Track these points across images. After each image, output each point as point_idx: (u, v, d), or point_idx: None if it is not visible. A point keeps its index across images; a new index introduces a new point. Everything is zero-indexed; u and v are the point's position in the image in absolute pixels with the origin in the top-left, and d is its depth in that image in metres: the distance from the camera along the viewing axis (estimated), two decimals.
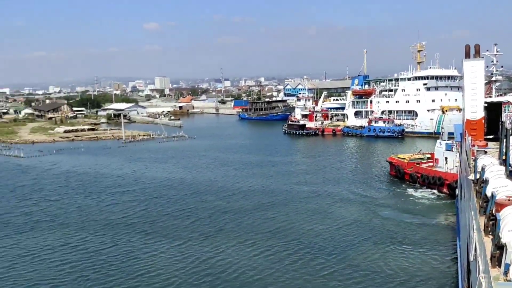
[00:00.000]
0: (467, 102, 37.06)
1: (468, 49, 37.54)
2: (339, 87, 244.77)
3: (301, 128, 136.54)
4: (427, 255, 38.58)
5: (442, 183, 58.43)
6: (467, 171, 28.61)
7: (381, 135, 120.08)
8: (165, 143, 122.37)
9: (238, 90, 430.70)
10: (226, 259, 38.25)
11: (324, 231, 44.82)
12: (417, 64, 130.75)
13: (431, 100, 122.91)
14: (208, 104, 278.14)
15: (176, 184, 68.40)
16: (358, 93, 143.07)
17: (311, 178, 70.93)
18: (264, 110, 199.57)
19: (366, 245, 40.67)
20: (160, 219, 50.12)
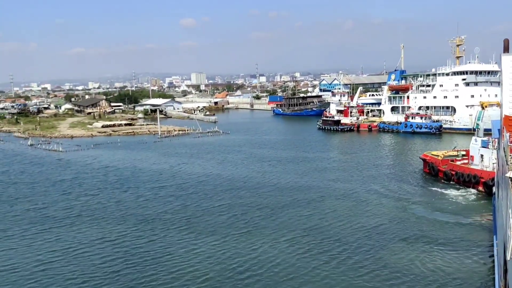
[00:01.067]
0: (505, 97, 35.93)
1: (507, 43, 36.37)
2: (375, 82, 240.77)
3: (336, 123, 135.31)
4: (462, 254, 37.70)
5: (477, 181, 56.78)
6: (505, 168, 27.75)
7: (418, 131, 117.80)
8: (199, 138, 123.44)
9: (273, 85, 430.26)
10: (261, 256, 38.32)
11: (358, 229, 44.35)
12: (456, 58, 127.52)
13: (470, 95, 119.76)
14: (243, 99, 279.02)
15: (211, 179, 68.97)
16: (395, 88, 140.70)
17: (346, 175, 70.29)
18: (298, 106, 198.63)
19: (400, 245, 40.05)
20: (196, 215, 50.55)
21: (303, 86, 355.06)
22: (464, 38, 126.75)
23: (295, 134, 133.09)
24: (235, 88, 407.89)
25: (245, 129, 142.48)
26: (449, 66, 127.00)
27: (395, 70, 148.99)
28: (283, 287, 32.78)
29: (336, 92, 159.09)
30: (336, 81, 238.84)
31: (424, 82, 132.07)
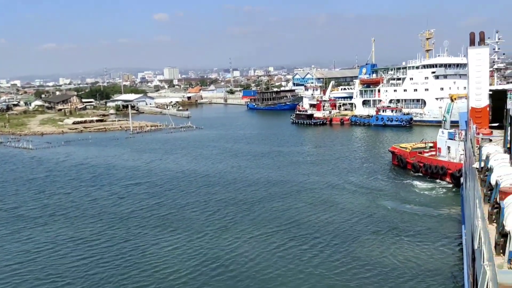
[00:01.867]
0: (471, 90, 36.76)
1: (473, 36, 37.15)
2: (348, 76, 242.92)
3: (309, 117, 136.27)
4: (432, 245, 38.49)
5: (444, 172, 57.97)
6: (472, 160, 28.44)
7: (389, 124, 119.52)
8: (172, 133, 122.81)
9: (247, 80, 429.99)
10: (236, 252, 38.29)
11: (331, 223, 44.78)
12: (425, 52, 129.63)
13: (440, 88, 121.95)
14: (216, 94, 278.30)
15: (186, 175, 68.64)
16: (366, 82, 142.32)
17: (318, 168, 70.91)
18: (272, 100, 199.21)
19: (371, 238, 40.59)
20: (172, 212, 50.17)
21: (277, 80, 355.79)
22: (433, 32, 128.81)
23: (269, 128, 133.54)
24: (209, 82, 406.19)
25: (219, 124, 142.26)
26: (419, 59, 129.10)
27: (366, 64, 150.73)
28: (256, 283, 32.92)
29: (309, 86, 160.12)
30: (309, 75, 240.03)
31: (395, 75, 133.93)
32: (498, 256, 13.08)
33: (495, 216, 15.72)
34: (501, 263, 12.28)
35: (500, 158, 20.40)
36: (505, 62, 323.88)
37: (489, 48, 37.94)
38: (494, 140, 28.75)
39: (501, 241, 13.40)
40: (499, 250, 13.34)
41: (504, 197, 15.13)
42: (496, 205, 15.96)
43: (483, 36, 37.38)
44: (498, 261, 12.49)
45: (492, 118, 36.33)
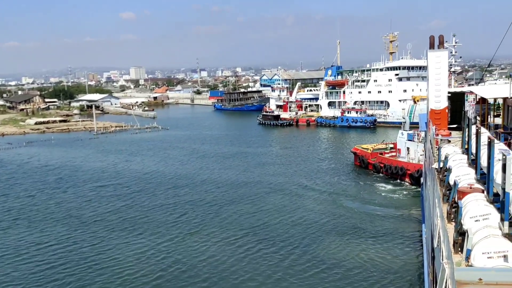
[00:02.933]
0: (431, 92, 37.47)
1: (432, 40, 37.90)
2: (314, 78, 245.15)
3: (275, 118, 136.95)
4: (394, 245, 39.14)
5: (404, 173, 59.29)
6: (432, 160, 29.07)
7: (353, 125, 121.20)
8: (137, 134, 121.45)
9: (215, 80, 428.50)
10: (203, 255, 37.88)
11: (295, 225, 44.90)
12: (389, 54, 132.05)
13: (403, 90, 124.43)
14: (183, 94, 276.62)
15: (154, 177, 67.76)
16: (331, 83, 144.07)
17: (284, 169, 71.35)
18: (239, 101, 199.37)
19: (334, 239, 40.87)
20: (140, 215, 49.22)
21: (244, 81, 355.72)
22: (397, 35, 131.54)
23: (236, 129, 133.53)
24: (176, 83, 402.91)
25: (186, 125, 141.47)
26: (383, 61, 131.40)
27: (332, 66, 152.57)
28: (222, 287, 32.78)
29: (276, 87, 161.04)
30: (276, 76, 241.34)
31: (359, 77, 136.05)
32: (457, 254, 13.42)
33: (454, 215, 16.15)
34: (459, 261, 12.64)
35: (458, 159, 20.94)
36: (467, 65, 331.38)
37: (448, 51, 38.90)
38: (452, 141, 29.43)
39: (459, 240, 13.78)
40: (457, 248, 13.70)
41: (462, 196, 15.60)
42: (455, 205, 16.39)
43: (442, 39, 38.26)
44: (456, 259, 12.83)
45: (451, 119, 37.20)
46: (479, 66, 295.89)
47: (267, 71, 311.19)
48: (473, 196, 15.10)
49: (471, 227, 13.07)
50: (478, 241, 12.14)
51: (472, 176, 18.00)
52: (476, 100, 39.05)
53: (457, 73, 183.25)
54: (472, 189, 16.13)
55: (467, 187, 16.39)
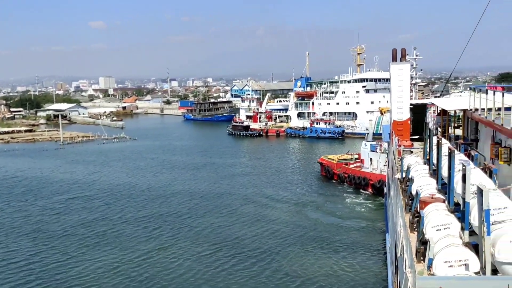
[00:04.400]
0: (394, 104, 38.22)
1: (395, 52, 38.71)
2: (285, 89, 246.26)
3: (245, 129, 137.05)
4: (358, 255, 39.37)
5: (367, 183, 60.24)
6: (394, 170, 29.45)
7: (322, 136, 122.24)
8: (105, 144, 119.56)
9: (185, 90, 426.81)
10: (172, 271, 37.28)
11: (260, 237, 44.68)
12: (357, 66, 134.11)
13: (370, 102, 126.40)
14: (153, 104, 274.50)
15: (123, 189, 66.43)
16: (301, 95, 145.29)
17: (253, 180, 71.32)
18: (209, 111, 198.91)
19: (299, 251, 40.66)
20: (111, 228, 47.88)
21: (215, 91, 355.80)
22: (364, 47, 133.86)
23: (206, 139, 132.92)
24: (146, 92, 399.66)
25: (155, 135, 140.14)
26: (351, 73, 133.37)
27: (301, 77, 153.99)
28: None
29: (246, 98, 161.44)
30: (247, 87, 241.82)
31: (328, 89, 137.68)
32: (419, 263, 13.53)
33: (416, 224, 16.33)
34: (422, 269, 12.76)
35: (420, 169, 21.22)
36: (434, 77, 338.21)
37: (409, 64, 39.78)
38: (414, 152, 29.88)
39: (421, 249, 13.90)
40: (419, 257, 13.82)
41: (423, 206, 15.77)
42: (417, 214, 16.58)
43: (404, 52, 39.14)
44: (419, 268, 12.95)
45: (413, 130, 37.93)
46: (445, 79, 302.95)
47: (238, 82, 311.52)
48: (434, 206, 15.33)
49: (432, 236, 13.23)
50: (439, 250, 12.29)
51: (433, 186, 18.29)
52: (437, 111, 39.96)
53: (423, 85, 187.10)
54: (434, 199, 16.37)
55: (428, 197, 16.63)
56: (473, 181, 13.41)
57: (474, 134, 28.07)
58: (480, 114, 25.32)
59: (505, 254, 10.78)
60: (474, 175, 14.43)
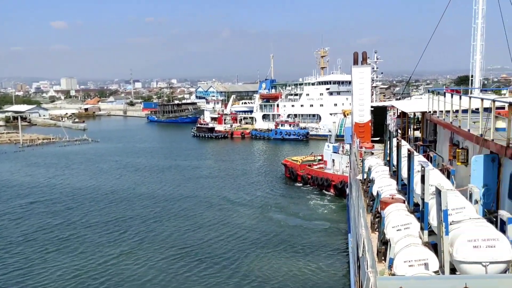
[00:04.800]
0: (355, 106, 38.67)
1: (356, 56, 39.21)
2: (250, 90, 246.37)
3: (210, 131, 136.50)
4: (320, 255, 39.77)
5: (329, 184, 61.20)
6: (356, 172, 29.77)
7: (287, 138, 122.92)
8: (66, 147, 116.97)
9: (149, 91, 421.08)
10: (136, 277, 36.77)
11: (223, 239, 44.55)
12: (320, 69, 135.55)
13: (334, 104, 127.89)
14: (115, 106, 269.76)
15: (86, 193, 64.93)
16: (265, 96, 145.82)
17: (218, 182, 71.08)
18: (173, 113, 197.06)
19: (263, 253, 40.66)
20: (74, 233, 46.72)
21: (179, 92, 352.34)
22: (328, 50, 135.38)
23: (170, 141, 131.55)
24: (109, 94, 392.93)
25: (118, 137, 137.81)
26: (315, 76, 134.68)
27: (266, 79, 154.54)
28: None
29: (210, 99, 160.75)
30: (212, 88, 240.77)
31: (292, 91, 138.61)
32: (380, 263, 13.65)
33: (377, 225, 16.49)
34: (383, 269, 12.85)
35: (380, 170, 21.45)
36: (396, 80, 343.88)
37: (370, 67, 40.39)
38: (375, 153, 30.26)
39: (382, 249, 14.03)
40: (380, 257, 13.94)
41: (384, 207, 15.92)
42: (378, 215, 16.75)
43: (365, 56, 39.73)
44: (380, 268, 13.05)
45: (374, 132, 38.47)
46: (406, 82, 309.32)
47: (203, 83, 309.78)
48: (394, 206, 15.53)
49: (393, 236, 13.38)
50: (399, 250, 12.43)
51: (393, 187, 18.54)
52: (397, 114, 40.72)
53: (385, 88, 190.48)
54: (394, 199, 16.60)
55: (389, 197, 16.85)
56: (432, 182, 13.64)
57: (433, 136, 28.69)
58: (438, 116, 25.89)
59: (463, 253, 10.99)
60: (432, 176, 14.69)
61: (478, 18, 44.16)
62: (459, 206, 12.90)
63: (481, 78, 45.50)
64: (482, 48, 44.32)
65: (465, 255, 10.93)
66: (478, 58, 44.69)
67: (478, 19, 44.10)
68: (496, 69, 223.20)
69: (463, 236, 11.14)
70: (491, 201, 16.44)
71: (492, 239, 10.92)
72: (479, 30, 44.06)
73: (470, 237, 11.03)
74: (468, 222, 11.92)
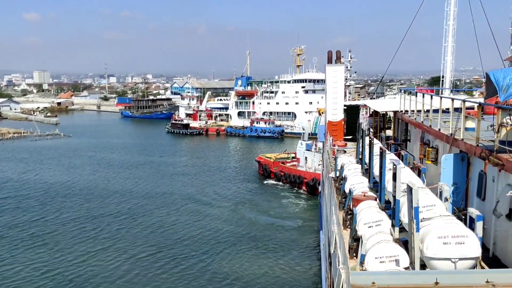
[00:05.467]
0: (329, 104, 38.72)
1: (330, 54, 39.20)
2: (226, 87, 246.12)
3: (185, 127, 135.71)
4: (293, 252, 40.03)
5: (301, 181, 61.79)
6: (329, 169, 29.91)
7: (262, 135, 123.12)
8: (38, 141, 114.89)
9: (124, 86, 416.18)
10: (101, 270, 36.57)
11: (196, 237, 44.38)
12: (296, 67, 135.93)
13: (309, 102, 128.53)
14: (89, 100, 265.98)
15: (57, 188, 63.99)
16: (241, 94, 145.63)
17: (192, 179, 70.80)
18: (148, 108, 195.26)
19: (235, 252, 40.62)
20: (42, 230, 46.02)
21: (155, 88, 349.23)
22: (304, 48, 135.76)
23: (144, 137, 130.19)
24: (82, 88, 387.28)
25: (91, 132, 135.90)
26: (291, 74, 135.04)
27: (242, 76, 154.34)
28: None
29: (185, 95, 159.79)
30: (187, 84, 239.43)
31: (268, 88, 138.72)
32: (352, 259, 13.75)
33: (349, 221, 16.61)
34: (354, 265, 12.92)
35: (353, 168, 21.64)
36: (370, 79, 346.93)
37: (344, 66, 40.56)
38: (348, 152, 30.47)
39: (354, 245, 14.15)
40: (352, 254, 14.06)
41: (356, 204, 16.08)
42: (350, 212, 16.88)
43: (339, 54, 39.85)
44: (351, 264, 13.14)
45: (347, 131, 38.68)
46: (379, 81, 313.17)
47: (179, 79, 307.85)
48: (366, 204, 15.71)
49: (364, 233, 13.51)
50: (371, 247, 12.55)
51: (365, 184, 18.74)
52: (370, 113, 41.09)
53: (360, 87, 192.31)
54: (366, 196, 16.79)
55: (361, 195, 17.04)
56: (403, 180, 13.83)
57: (404, 135, 29.07)
58: (410, 115, 26.26)
59: (433, 249, 11.16)
60: (404, 174, 14.89)
61: (450, 20, 45.07)
62: (429, 203, 13.10)
63: (451, 79, 46.46)
64: (453, 50, 45.30)
65: (435, 251, 11.11)
66: (449, 59, 45.64)
67: (449, 20, 45.01)
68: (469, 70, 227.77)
69: (433, 233, 11.32)
70: (461, 199, 16.75)
71: (461, 236, 11.12)
72: (451, 31, 44.98)
73: (440, 234, 11.22)
74: (438, 219, 12.09)
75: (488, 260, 13.93)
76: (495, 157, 13.74)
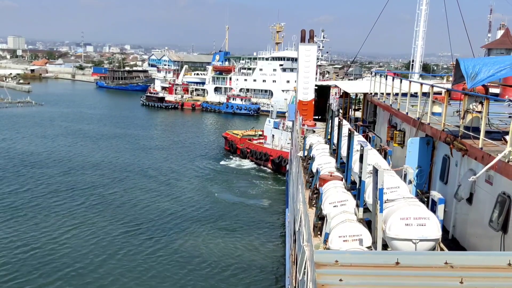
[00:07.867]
0: (300, 84, 38.69)
1: (303, 33, 38.98)
2: (204, 62, 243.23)
3: (160, 100, 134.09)
4: (258, 230, 40.27)
5: (267, 158, 62.47)
6: (297, 148, 30.13)
7: (238, 112, 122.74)
8: (7, 109, 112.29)
9: (101, 56, 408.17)
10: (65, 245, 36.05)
11: (162, 214, 43.63)
12: (275, 44, 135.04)
13: (286, 81, 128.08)
14: (64, 69, 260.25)
15: (25, 159, 62.44)
16: (219, 69, 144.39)
17: (162, 153, 70.53)
18: (123, 80, 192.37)
19: (197, 230, 40.06)
20: (15, 203, 44.85)
21: (132, 59, 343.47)
22: (283, 26, 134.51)
23: (118, 109, 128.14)
24: (58, 56, 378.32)
25: (65, 101, 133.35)
26: (269, 51, 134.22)
27: (220, 51, 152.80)
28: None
29: (162, 68, 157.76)
30: (165, 57, 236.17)
31: (246, 65, 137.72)
32: (316, 238, 14.00)
33: (315, 200, 16.84)
34: (318, 243, 13.16)
35: (321, 148, 21.87)
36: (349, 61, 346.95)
37: (316, 45, 40.55)
38: (317, 132, 30.67)
39: (318, 224, 14.43)
40: (316, 232, 14.33)
41: (322, 183, 16.32)
42: (316, 191, 17.10)
43: (312, 34, 39.68)
44: (315, 242, 13.35)
45: (316, 111, 38.82)
46: (360, 63, 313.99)
47: (157, 51, 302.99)
48: (332, 184, 15.93)
49: (329, 212, 13.72)
50: (335, 226, 12.77)
51: (333, 164, 18.97)
52: (340, 94, 41.29)
53: (339, 68, 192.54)
54: (332, 177, 17.01)
55: (327, 175, 17.25)
56: (370, 161, 14.04)
57: (373, 117, 29.42)
58: (379, 98, 26.51)
59: (395, 230, 11.43)
60: (370, 156, 15.11)
61: (423, 5, 45.41)
62: (394, 185, 13.39)
63: (421, 63, 47.07)
64: (424, 35, 45.77)
65: (397, 232, 11.38)
66: (419, 44, 46.13)
67: (422, 5, 45.35)
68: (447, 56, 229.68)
69: (396, 214, 11.57)
70: (424, 182, 17.13)
71: (423, 218, 11.43)
72: (423, 16, 45.37)
73: (402, 215, 11.49)
74: (401, 201, 12.35)
75: (448, 242, 14.36)
76: (460, 142, 14.03)
